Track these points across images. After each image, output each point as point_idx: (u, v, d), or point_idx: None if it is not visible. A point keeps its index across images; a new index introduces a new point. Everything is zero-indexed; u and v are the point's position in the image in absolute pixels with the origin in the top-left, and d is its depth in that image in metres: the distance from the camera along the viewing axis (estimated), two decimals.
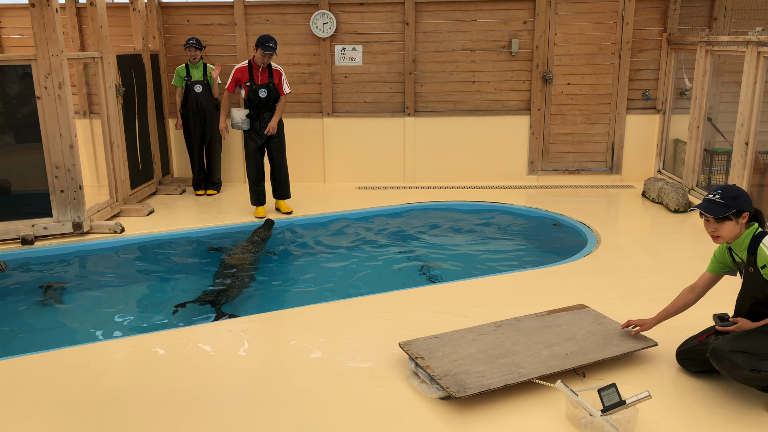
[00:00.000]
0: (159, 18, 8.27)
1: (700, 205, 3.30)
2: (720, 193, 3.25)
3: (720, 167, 7.23)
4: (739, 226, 3.25)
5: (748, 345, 3.11)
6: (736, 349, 3.11)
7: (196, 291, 5.30)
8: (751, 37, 6.00)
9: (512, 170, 8.46)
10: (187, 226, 6.69)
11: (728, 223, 3.24)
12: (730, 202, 3.21)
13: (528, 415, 3.21)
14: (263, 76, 6.76)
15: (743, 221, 3.24)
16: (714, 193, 3.27)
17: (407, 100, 8.34)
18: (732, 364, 3.09)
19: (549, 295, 4.73)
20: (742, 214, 3.23)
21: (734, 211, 3.21)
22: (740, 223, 3.24)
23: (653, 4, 8.13)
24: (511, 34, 8.20)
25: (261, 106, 6.82)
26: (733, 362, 3.09)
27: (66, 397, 3.48)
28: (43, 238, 6.19)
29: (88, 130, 8.40)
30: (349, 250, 6.16)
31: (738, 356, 3.09)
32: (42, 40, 5.86)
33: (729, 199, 3.22)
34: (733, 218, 3.23)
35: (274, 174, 7.14)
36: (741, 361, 3.08)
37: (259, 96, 6.77)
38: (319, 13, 8.13)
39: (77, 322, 4.75)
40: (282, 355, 3.92)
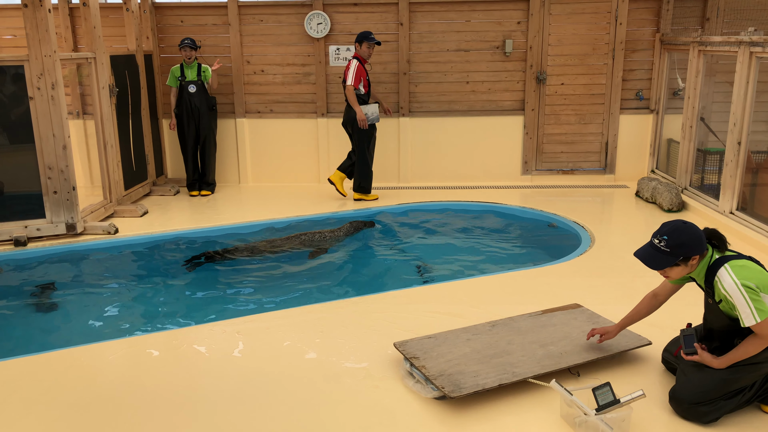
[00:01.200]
0: (152, 18, 8.25)
1: (641, 255, 3.10)
2: (666, 240, 3.02)
3: (713, 167, 7.26)
4: (688, 267, 3.08)
5: (708, 394, 3.05)
6: (696, 401, 3.06)
7: (189, 292, 5.30)
8: (744, 38, 6.04)
9: (506, 170, 8.48)
10: (181, 227, 6.67)
11: (676, 268, 3.08)
12: (676, 250, 3.01)
13: (523, 415, 3.21)
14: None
15: (694, 262, 3.06)
16: (659, 238, 3.04)
17: (402, 100, 8.35)
18: (688, 414, 3.09)
19: (543, 295, 4.74)
20: (690, 258, 3.05)
21: (681, 258, 3.03)
22: (690, 265, 3.06)
23: (646, 5, 8.16)
24: (504, 35, 8.22)
25: (369, 98, 7.45)
26: (689, 413, 3.09)
27: (60, 398, 3.47)
28: (36, 239, 6.17)
29: (82, 130, 8.37)
30: (344, 250, 6.16)
31: (693, 410, 3.07)
32: (35, 41, 5.83)
33: (674, 248, 3.01)
34: (681, 263, 3.06)
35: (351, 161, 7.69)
36: (695, 415, 3.07)
37: (370, 88, 7.44)
38: (314, 13, 8.13)
39: (71, 323, 4.74)
40: (277, 356, 3.92)
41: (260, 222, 6.89)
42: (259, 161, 8.56)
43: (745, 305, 2.93)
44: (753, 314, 2.91)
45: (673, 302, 3.64)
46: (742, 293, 2.94)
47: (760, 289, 2.95)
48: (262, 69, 8.41)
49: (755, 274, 3.00)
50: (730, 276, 2.98)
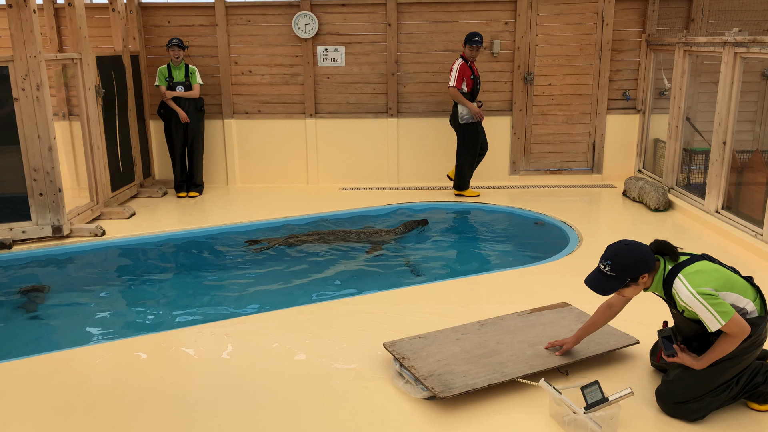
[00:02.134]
0: (139, 19, 8.20)
1: (589, 282, 3.12)
2: (610, 265, 3.03)
3: (699, 166, 7.33)
4: (642, 284, 3.09)
5: (693, 392, 3.08)
6: (682, 399, 3.10)
7: (177, 294, 5.27)
8: (728, 38, 6.09)
9: (494, 170, 8.50)
10: (169, 229, 6.63)
11: (628, 289, 3.10)
12: (622, 273, 3.02)
13: (512, 414, 3.23)
14: (475, 69, 7.64)
15: (644, 280, 3.06)
16: (604, 263, 3.05)
17: (390, 100, 8.35)
18: (675, 412, 3.13)
19: (532, 294, 4.76)
20: (638, 278, 3.05)
21: (628, 280, 3.04)
22: (641, 283, 3.07)
23: (632, 6, 8.22)
24: (492, 35, 8.24)
25: (476, 97, 7.67)
26: (676, 411, 3.13)
27: (47, 403, 3.44)
28: (21, 242, 6.11)
29: (68, 132, 8.30)
30: (333, 251, 6.15)
31: (680, 408, 3.11)
32: (19, 41, 5.78)
33: (620, 271, 3.02)
34: (631, 284, 3.07)
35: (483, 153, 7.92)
36: (682, 413, 3.11)
37: (477, 87, 7.64)
38: (301, 14, 8.11)
39: (57, 326, 4.69)
40: (266, 357, 3.90)
41: (249, 223, 6.87)
42: (248, 162, 8.54)
43: (706, 312, 2.93)
44: (716, 319, 2.91)
45: (660, 301, 3.66)
46: (700, 302, 2.93)
47: (718, 290, 2.97)
48: (250, 69, 8.38)
49: (710, 276, 3.01)
50: (685, 287, 2.97)
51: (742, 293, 3.05)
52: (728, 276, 3.07)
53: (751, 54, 5.85)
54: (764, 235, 5.54)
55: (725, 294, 3.00)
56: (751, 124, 7.79)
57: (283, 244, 6.20)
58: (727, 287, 3.02)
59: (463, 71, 7.47)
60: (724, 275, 3.06)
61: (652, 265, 3.06)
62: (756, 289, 3.13)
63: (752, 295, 3.09)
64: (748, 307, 3.04)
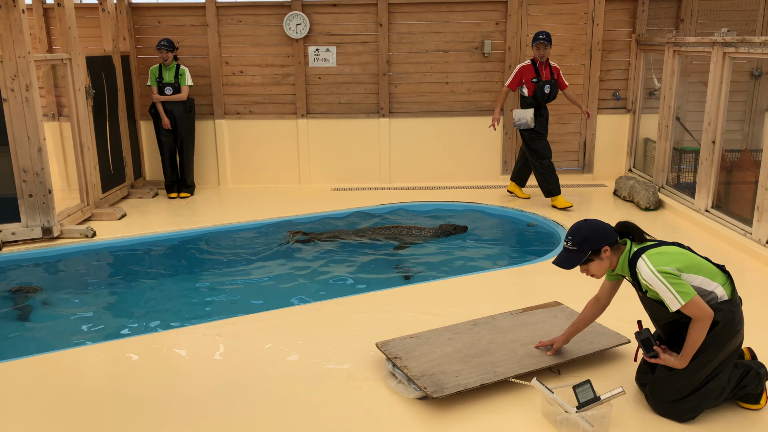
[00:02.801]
0: (129, 19, 8.16)
1: (555, 260, 3.21)
2: (571, 240, 3.14)
3: (688, 165, 7.38)
4: (605, 260, 3.14)
5: (682, 390, 3.09)
6: (672, 399, 3.11)
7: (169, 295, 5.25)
8: (717, 38, 6.14)
9: (486, 170, 8.52)
10: (160, 230, 6.61)
11: (593, 264, 3.15)
12: (582, 246, 3.11)
13: (505, 414, 3.23)
14: (546, 72, 7.02)
15: (606, 254, 3.12)
16: (566, 240, 3.16)
17: (381, 101, 8.36)
18: (667, 413, 3.14)
19: (524, 294, 4.77)
20: (600, 251, 3.12)
21: (589, 253, 3.12)
22: (604, 257, 3.13)
23: (622, 6, 8.26)
24: (483, 35, 8.26)
25: (542, 103, 7.09)
26: (668, 411, 3.14)
27: (38, 405, 3.42)
28: (11, 243, 6.07)
29: (58, 133, 8.24)
30: (325, 251, 6.14)
31: (671, 408, 3.12)
32: (8, 42, 5.74)
33: (580, 244, 3.12)
34: (594, 258, 3.13)
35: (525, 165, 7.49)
36: (673, 414, 3.12)
37: (544, 92, 7.01)
38: (293, 14, 8.10)
39: (48, 328, 4.66)
40: (258, 358, 3.90)
41: (241, 224, 6.85)
42: (239, 163, 8.52)
43: (666, 291, 2.95)
44: (676, 298, 2.93)
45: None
46: (660, 280, 2.96)
47: (681, 271, 2.99)
48: (241, 70, 8.36)
49: (674, 257, 3.03)
50: (647, 265, 3.00)
51: (710, 277, 3.05)
52: (694, 259, 3.08)
53: (740, 54, 5.89)
54: (753, 233, 5.58)
55: (690, 276, 3.01)
56: (740, 123, 7.86)
57: (327, 239, 6.31)
58: (692, 270, 3.03)
59: (523, 72, 7.02)
60: (689, 258, 3.07)
61: (613, 239, 3.13)
62: (727, 274, 3.13)
63: (722, 279, 3.08)
64: (717, 291, 3.04)
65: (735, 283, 3.16)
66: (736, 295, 3.11)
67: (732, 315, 3.04)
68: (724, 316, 3.02)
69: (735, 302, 3.08)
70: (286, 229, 6.60)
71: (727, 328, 3.04)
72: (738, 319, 3.07)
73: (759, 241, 5.49)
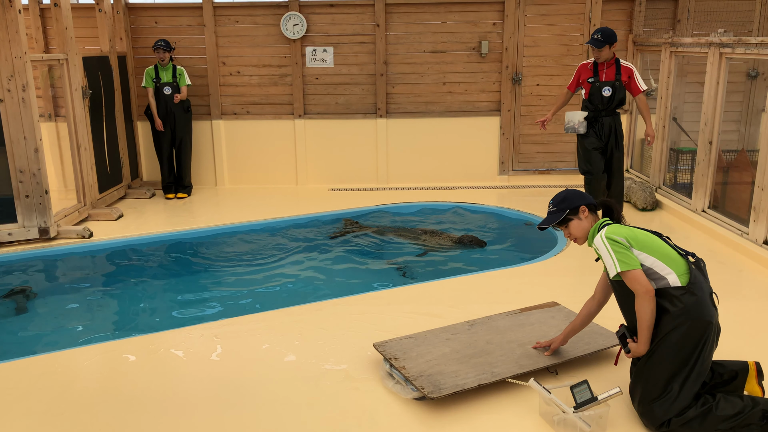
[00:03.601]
0: (126, 19, 8.15)
1: (541, 222, 3.37)
2: (552, 203, 3.34)
3: (685, 166, 7.39)
4: (584, 220, 3.25)
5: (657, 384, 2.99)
6: (645, 399, 3.02)
7: (166, 296, 5.24)
8: (714, 39, 6.15)
9: (483, 171, 8.53)
10: (157, 230, 6.60)
11: (572, 224, 3.27)
12: (561, 205, 3.28)
13: (502, 414, 3.24)
14: (609, 72, 6.11)
15: (585, 215, 3.25)
16: (549, 207, 3.36)
17: (379, 101, 8.36)
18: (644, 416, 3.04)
19: (521, 294, 4.78)
20: (578, 210, 3.26)
21: (567, 211, 3.25)
22: (583, 218, 3.26)
23: (619, 6, 8.28)
24: (480, 36, 8.27)
25: (601, 107, 6.13)
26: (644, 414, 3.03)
27: (33, 407, 3.41)
28: (7, 244, 6.05)
29: (54, 133, 8.23)
30: (322, 252, 6.14)
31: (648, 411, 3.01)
32: (4, 42, 5.73)
33: (559, 203, 3.30)
34: (573, 217, 3.27)
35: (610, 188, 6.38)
36: (649, 416, 3.00)
37: (601, 95, 6.08)
38: (290, 14, 8.10)
39: (45, 329, 4.66)
40: (255, 359, 3.89)
41: (238, 224, 6.85)
42: (236, 163, 8.51)
43: (607, 256, 3.02)
44: (614, 264, 2.99)
45: None
46: (605, 245, 3.04)
47: (633, 246, 3.02)
48: (238, 70, 8.36)
49: (631, 233, 3.07)
50: (600, 233, 3.11)
51: (665, 261, 3.01)
52: (655, 243, 3.07)
53: (737, 54, 5.91)
54: (750, 234, 5.59)
55: (642, 254, 3.02)
56: (737, 123, 7.88)
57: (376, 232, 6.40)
58: (646, 249, 3.03)
59: (580, 72, 6.26)
60: (649, 239, 3.08)
61: (590, 201, 3.28)
62: (690, 265, 3.04)
63: (681, 268, 3.01)
64: (669, 278, 2.99)
65: (710, 277, 3.10)
66: (695, 286, 2.97)
67: (686, 303, 2.94)
68: (674, 302, 2.95)
69: (690, 291, 2.95)
70: (342, 218, 6.87)
71: (682, 316, 2.94)
72: (696, 308, 2.94)
73: (755, 242, 5.50)
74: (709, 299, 3.01)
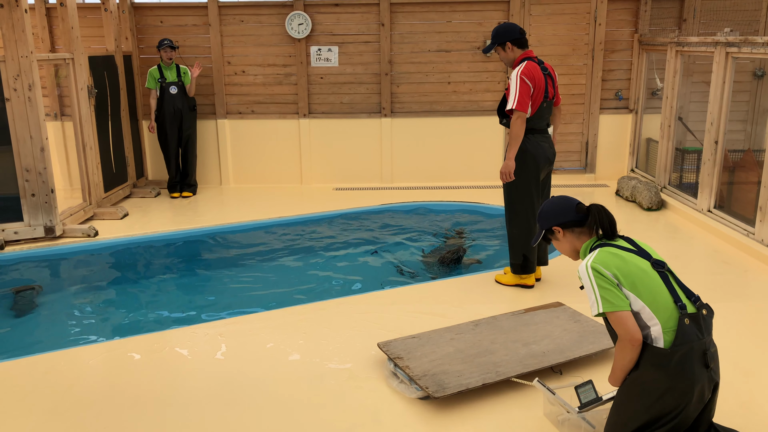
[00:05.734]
0: (131, 19, 8.17)
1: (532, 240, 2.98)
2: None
3: (691, 165, 7.36)
4: (563, 241, 2.83)
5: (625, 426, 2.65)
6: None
7: (171, 295, 5.25)
8: (720, 38, 6.12)
9: (488, 170, 8.51)
10: (162, 229, 6.61)
11: (554, 242, 2.86)
12: (539, 222, 2.88)
13: (506, 414, 3.23)
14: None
15: (561, 235, 2.81)
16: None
17: (383, 100, 8.35)
18: None
19: (525, 294, 4.77)
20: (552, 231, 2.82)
21: (543, 231, 2.85)
22: (560, 237, 2.82)
23: (625, 6, 8.25)
24: (485, 35, 8.25)
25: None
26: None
27: (38, 405, 3.42)
28: (13, 242, 6.07)
29: (60, 132, 8.26)
30: (326, 251, 6.15)
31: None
32: (11, 41, 5.75)
33: (538, 219, 2.89)
34: (551, 237, 2.85)
35: None
36: None
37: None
38: (295, 14, 8.10)
39: (49, 327, 4.67)
40: (260, 358, 3.90)
41: (243, 223, 6.86)
42: (241, 162, 8.52)
43: (590, 291, 2.58)
44: (597, 302, 2.55)
45: None
46: (589, 277, 2.58)
47: (620, 282, 2.56)
48: (243, 69, 8.37)
49: (624, 267, 2.58)
50: (587, 260, 2.63)
51: (654, 309, 2.54)
52: (647, 282, 2.57)
53: (743, 54, 5.88)
54: (756, 234, 5.57)
55: (631, 295, 2.55)
56: (743, 123, 7.84)
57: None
58: (636, 291, 2.56)
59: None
60: (643, 278, 2.58)
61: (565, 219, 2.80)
62: (681, 318, 2.53)
63: (670, 322, 2.53)
64: (652, 331, 2.54)
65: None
66: (680, 348, 2.50)
67: (664, 365, 2.51)
68: (652, 360, 2.53)
69: (672, 354, 2.50)
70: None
71: (660, 376, 2.53)
72: (677, 370, 2.50)
73: (762, 242, 5.47)
74: (698, 358, 2.52)
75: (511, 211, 4.81)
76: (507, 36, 4.70)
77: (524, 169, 4.64)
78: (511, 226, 4.84)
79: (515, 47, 4.72)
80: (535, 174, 4.68)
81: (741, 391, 3.41)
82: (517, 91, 4.51)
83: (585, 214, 2.80)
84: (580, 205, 2.84)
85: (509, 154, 4.59)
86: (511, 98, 4.53)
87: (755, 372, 3.62)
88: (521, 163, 4.62)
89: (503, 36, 4.71)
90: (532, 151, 4.64)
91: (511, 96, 4.53)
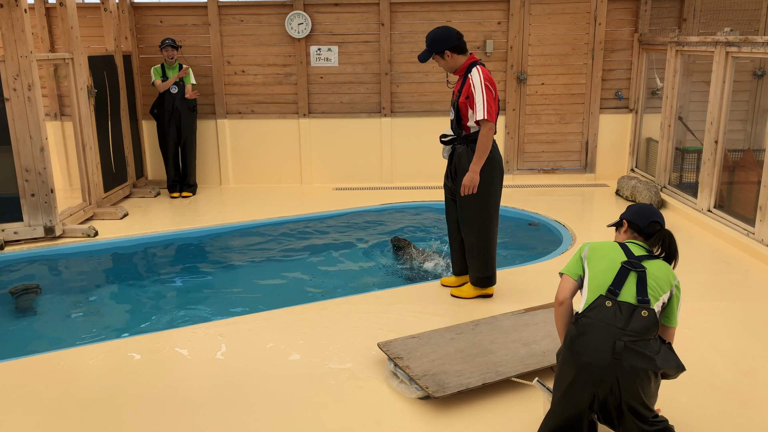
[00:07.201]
0: (131, 18, 8.17)
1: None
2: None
3: (691, 165, 7.36)
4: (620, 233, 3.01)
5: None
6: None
7: (171, 295, 5.25)
8: (720, 38, 6.12)
9: None
10: (162, 229, 6.61)
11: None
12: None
13: (506, 413, 3.23)
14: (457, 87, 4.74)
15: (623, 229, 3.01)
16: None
17: (383, 100, 8.35)
18: None
19: (525, 293, 4.76)
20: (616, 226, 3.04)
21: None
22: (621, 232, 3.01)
23: (625, 5, 8.25)
24: (485, 35, 8.25)
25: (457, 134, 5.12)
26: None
27: (39, 405, 3.42)
28: (13, 242, 6.07)
29: (60, 132, 8.26)
30: (327, 250, 6.15)
31: None
32: (10, 41, 5.75)
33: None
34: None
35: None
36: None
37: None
38: (294, 13, 8.10)
39: (50, 328, 4.67)
40: (260, 357, 3.90)
41: (243, 223, 6.86)
42: (241, 162, 8.52)
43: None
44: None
45: None
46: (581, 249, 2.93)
47: (589, 255, 2.84)
48: (243, 69, 8.37)
49: (601, 246, 2.87)
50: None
51: (590, 286, 2.76)
52: (606, 263, 2.78)
53: (743, 53, 5.88)
54: (756, 233, 5.57)
55: (587, 266, 2.82)
56: (743, 123, 7.84)
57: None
58: (591, 264, 2.82)
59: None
60: (604, 257, 2.79)
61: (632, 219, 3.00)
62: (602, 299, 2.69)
63: (592, 298, 2.72)
64: (582, 303, 2.77)
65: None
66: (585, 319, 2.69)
67: (570, 331, 2.74)
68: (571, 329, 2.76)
69: (576, 322, 2.73)
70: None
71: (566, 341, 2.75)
72: (574, 340, 2.69)
73: (762, 241, 5.48)
74: (601, 339, 2.62)
75: (483, 223, 4.48)
76: (445, 44, 4.34)
77: (494, 178, 4.44)
78: (479, 239, 4.50)
79: (455, 54, 4.39)
80: (501, 181, 4.51)
81: (741, 391, 3.41)
82: (485, 101, 4.23)
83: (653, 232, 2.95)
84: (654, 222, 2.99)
85: (475, 167, 4.31)
86: (480, 108, 4.23)
87: (755, 372, 3.62)
88: (489, 172, 4.39)
89: (440, 44, 4.35)
90: (498, 158, 4.48)
91: (479, 106, 4.23)
